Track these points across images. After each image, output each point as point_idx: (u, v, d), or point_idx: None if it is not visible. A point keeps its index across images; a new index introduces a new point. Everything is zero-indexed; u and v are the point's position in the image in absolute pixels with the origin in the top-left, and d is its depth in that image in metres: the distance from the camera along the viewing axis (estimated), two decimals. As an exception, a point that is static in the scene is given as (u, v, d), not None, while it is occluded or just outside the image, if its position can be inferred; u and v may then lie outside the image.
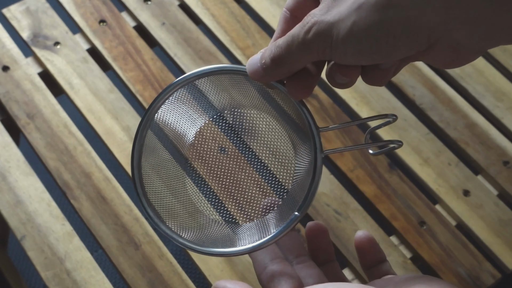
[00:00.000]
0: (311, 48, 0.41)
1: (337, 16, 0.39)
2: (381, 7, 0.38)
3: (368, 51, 0.39)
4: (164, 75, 0.88)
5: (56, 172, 0.80)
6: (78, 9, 0.93)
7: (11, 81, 0.86)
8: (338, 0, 0.40)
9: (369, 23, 0.38)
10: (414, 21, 0.38)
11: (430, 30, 0.38)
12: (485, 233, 0.80)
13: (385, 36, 0.38)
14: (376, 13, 0.38)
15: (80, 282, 0.73)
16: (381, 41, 0.39)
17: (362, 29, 0.38)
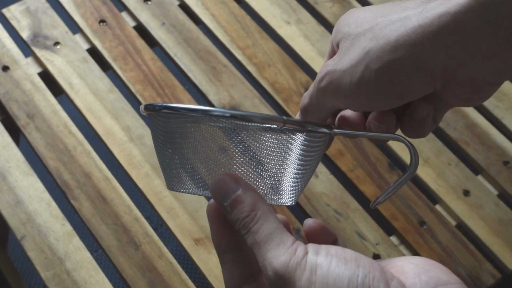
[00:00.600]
0: (326, 97, 0.43)
1: (349, 63, 0.41)
2: (389, 49, 0.39)
3: (383, 94, 0.40)
4: (164, 75, 0.88)
5: (56, 172, 0.80)
6: (78, 9, 0.93)
7: (11, 81, 0.86)
8: (349, 50, 0.41)
9: (381, 64, 0.39)
10: (425, 58, 0.38)
11: (442, 65, 0.38)
12: (485, 233, 0.80)
13: (398, 76, 0.39)
14: (387, 54, 0.39)
15: (80, 282, 0.73)
16: (395, 81, 0.39)
17: (374, 70, 0.39)
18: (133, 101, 0.87)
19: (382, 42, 0.39)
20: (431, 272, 0.36)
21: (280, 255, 0.37)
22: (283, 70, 0.90)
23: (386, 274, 0.36)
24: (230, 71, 0.89)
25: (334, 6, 0.96)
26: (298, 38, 0.93)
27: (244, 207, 0.39)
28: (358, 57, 0.40)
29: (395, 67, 0.39)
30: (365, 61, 0.40)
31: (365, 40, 0.40)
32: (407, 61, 0.39)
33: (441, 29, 0.37)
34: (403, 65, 0.39)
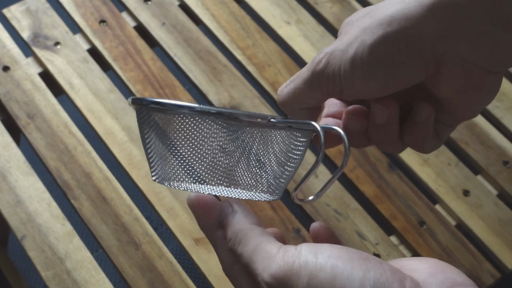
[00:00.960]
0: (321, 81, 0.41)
1: (346, 41, 0.40)
2: (385, 23, 0.38)
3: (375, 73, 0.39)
4: (164, 75, 0.88)
5: (57, 172, 0.80)
6: (78, 9, 0.93)
7: (12, 81, 0.86)
8: (348, 31, 0.41)
9: (374, 38, 0.39)
10: (418, 33, 0.38)
11: (433, 41, 0.38)
12: (484, 233, 0.80)
13: (390, 51, 0.39)
14: (381, 28, 0.38)
15: (80, 282, 0.73)
16: (387, 58, 0.39)
17: (367, 45, 0.39)
18: (133, 101, 0.87)
19: (379, 18, 0.39)
20: (447, 272, 0.36)
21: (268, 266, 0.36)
22: (283, 70, 0.90)
23: (398, 274, 0.34)
24: (230, 71, 0.89)
25: (334, 6, 0.96)
26: (298, 38, 0.93)
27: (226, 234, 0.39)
28: (355, 35, 0.40)
29: (387, 41, 0.39)
30: (360, 37, 0.39)
31: (364, 20, 0.40)
32: (400, 36, 0.38)
33: (436, 2, 0.37)
34: (395, 40, 0.38)
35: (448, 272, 0.36)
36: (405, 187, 0.82)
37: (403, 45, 0.38)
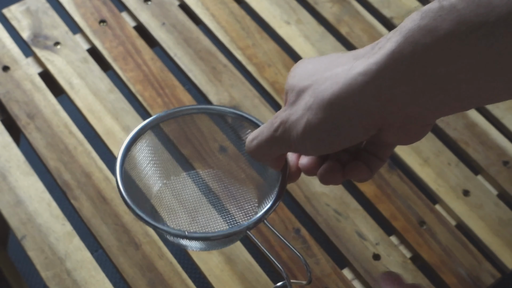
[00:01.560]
0: (281, 144, 0.50)
1: (296, 116, 0.47)
2: (325, 105, 0.45)
3: (323, 144, 0.47)
4: (164, 75, 0.88)
5: (57, 172, 0.80)
6: (78, 9, 0.93)
7: (11, 81, 0.86)
8: (296, 103, 0.48)
9: (318, 120, 0.45)
10: (354, 112, 0.44)
11: (370, 117, 0.44)
12: (485, 233, 0.80)
13: (333, 129, 0.45)
14: (322, 110, 0.45)
15: (80, 282, 0.73)
16: (331, 133, 0.46)
17: (313, 125, 0.46)
18: (133, 101, 0.87)
19: (318, 100, 0.45)
20: None
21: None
22: (283, 70, 0.90)
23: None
24: (230, 71, 0.89)
25: (335, 6, 0.96)
26: (298, 38, 0.93)
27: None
28: (301, 111, 0.47)
29: (330, 121, 0.45)
30: (307, 115, 0.46)
31: (307, 95, 0.47)
32: (340, 116, 0.45)
33: (363, 86, 0.43)
34: (336, 119, 0.45)
35: None
36: (405, 187, 0.82)
37: (344, 122, 0.45)
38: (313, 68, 0.48)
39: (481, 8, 0.38)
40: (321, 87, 0.45)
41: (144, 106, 0.86)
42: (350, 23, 0.95)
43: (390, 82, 0.42)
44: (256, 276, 0.74)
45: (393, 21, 0.95)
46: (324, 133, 0.46)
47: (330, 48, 0.92)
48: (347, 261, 0.77)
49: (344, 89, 0.44)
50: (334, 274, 0.75)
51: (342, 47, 0.93)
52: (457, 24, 0.39)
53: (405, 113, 0.44)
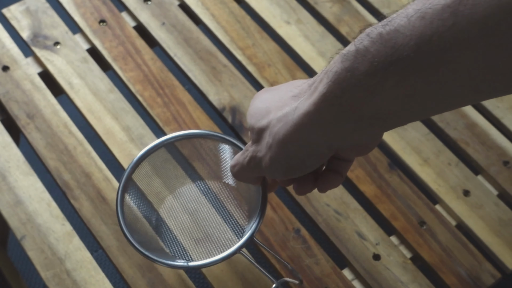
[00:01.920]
0: (253, 171, 0.59)
1: (261, 153, 0.56)
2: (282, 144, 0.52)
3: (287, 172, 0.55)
4: (164, 75, 0.88)
5: (56, 172, 0.80)
6: (78, 9, 0.93)
7: (11, 81, 0.86)
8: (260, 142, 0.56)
9: (279, 156, 0.53)
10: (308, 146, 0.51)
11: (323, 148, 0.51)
12: (485, 233, 0.80)
13: (294, 160, 0.53)
14: (281, 149, 0.53)
15: (80, 282, 0.73)
16: (292, 164, 0.54)
17: (276, 160, 0.54)
18: (133, 101, 0.87)
19: (276, 141, 0.53)
20: None
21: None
22: (283, 70, 0.90)
23: None
24: (230, 71, 0.89)
25: (334, 6, 0.96)
26: (298, 38, 0.93)
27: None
28: (265, 150, 0.55)
29: (289, 156, 0.53)
30: (269, 153, 0.54)
31: (266, 135, 0.54)
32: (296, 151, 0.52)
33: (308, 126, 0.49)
34: (294, 154, 0.52)
35: None
36: (405, 187, 0.82)
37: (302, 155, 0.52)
38: (265, 108, 0.55)
39: (388, 49, 0.42)
40: (275, 129, 0.53)
41: (144, 106, 0.86)
42: (350, 23, 0.95)
43: (329, 120, 0.48)
44: (256, 276, 0.74)
45: (393, 21, 0.95)
46: (287, 165, 0.54)
47: (330, 48, 0.92)
48: (347, 261, 0.77)
49: (293, 129, 0.50)
50: (334, 274, 0.75)
51: (342, 47, 0.92)
52: (370, 64, 0.43)
53: (350, 141, 0.50)
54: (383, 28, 0.43)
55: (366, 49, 0.44)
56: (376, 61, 0.43)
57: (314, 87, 0.49)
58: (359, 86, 0.45)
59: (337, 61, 0.46)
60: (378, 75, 0.43)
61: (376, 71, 0.43)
